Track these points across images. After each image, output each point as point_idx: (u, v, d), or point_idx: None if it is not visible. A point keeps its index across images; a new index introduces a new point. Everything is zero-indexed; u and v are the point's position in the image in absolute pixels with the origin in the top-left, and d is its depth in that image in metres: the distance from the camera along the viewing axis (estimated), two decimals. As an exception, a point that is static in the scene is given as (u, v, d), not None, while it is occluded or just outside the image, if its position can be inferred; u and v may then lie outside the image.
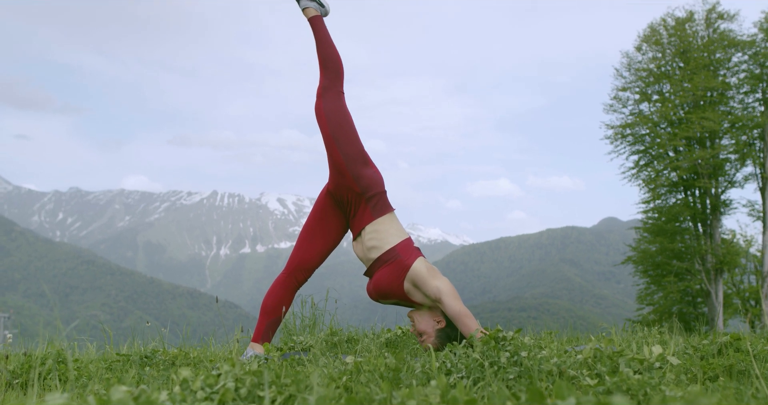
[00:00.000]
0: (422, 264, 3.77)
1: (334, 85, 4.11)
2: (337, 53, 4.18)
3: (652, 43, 24.17)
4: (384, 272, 3.82)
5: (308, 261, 4.10)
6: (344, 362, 2.87)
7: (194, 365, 3.76)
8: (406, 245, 3.88)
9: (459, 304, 3.62)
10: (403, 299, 3.83)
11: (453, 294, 3.65)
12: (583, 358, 2.70)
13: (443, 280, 3.70)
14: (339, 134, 3.96)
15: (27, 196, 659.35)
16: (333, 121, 3.99)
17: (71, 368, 2.37)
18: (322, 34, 4.20)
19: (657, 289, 23.65)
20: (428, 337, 3.74)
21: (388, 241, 3.86)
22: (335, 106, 4.04)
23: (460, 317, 3.58)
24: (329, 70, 4.13)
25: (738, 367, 2.77)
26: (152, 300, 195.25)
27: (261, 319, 3.99)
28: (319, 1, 4.28)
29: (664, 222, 23.55)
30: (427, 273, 3.72)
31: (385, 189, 4.04)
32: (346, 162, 3.92)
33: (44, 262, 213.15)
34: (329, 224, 4.12)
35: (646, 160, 24.26)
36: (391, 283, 3.79)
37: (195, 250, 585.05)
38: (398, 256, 3.81)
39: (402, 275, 3.76)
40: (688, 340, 3.94)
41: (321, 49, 4.16)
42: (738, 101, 23.32)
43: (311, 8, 4.25)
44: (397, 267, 3.78)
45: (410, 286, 3.76)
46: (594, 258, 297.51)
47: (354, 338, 4.93)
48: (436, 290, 3.65)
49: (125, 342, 4.95)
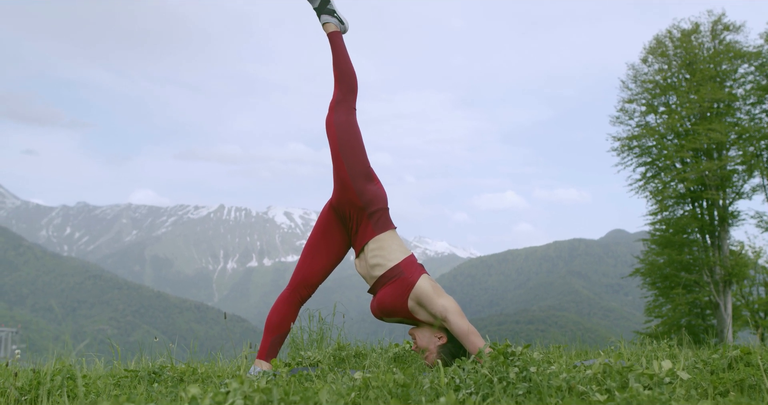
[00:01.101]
0: (427, 281, 3.75)
1: (346, 100, 4.15)
2: (353, 69, 4.24)
3: (658, 55, 24.18)
4: (388, 290, 3.80)
5: (312, 277, 4.08)
6: (353, 378, 2.86)
7: (202, 381, 3.76)
8: (409, 262, 3.86)
9: (465, 323, 3.60)
10: (407, 317, 3.80)
11: (459, 312, 3.64)
12: (592, 373, 2.69)
13: (448, 298, 3.68)
14: (346, 148, 3.97)
15: (35, 210, 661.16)
16: (342, 135, 4.01)
17: (80, 385, 2.36)
18: (340, 49, 4.27)
19: (665, 301, 23.54)
20: (430, 354, 3.72)
21: (391, 258, 3.84)
22: (346, 120, 4.07)
23: (467, 336, 3.57)
24: (344, 84, 4.18)
25: (749, 381, 2.75)
26: (159, 314, 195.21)
27: (266, 335, 3.97)
28: (339, 17, 4.36)
29: (671, 234, 23.47)
30: (432, 291, 3.70)
31: (388, 207, 4.03)
32: (350, 175, 3.92)
33: (52, 277, 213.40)
34: (332, 239, 4.11)
35: (653, 171, 24.22)
36: (395, 301, 3.77)
37: (202, 264, 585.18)
38: (402, 273, 3.79)
39: (406, 293, 3.74)
40: (698, 354, 3.92)
41: (338, 64, 4.21)
42: (745, 112, 23.30)
43: (331, 24, 4.34)
44: (402, 284, 3.76)
45: (414, 304, 3.74)
46: (602, 270, 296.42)
47: (362, 353, 4.91)
48: (441, 309, 3.63)
49: (133, 357, 4.95)
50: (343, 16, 4.42)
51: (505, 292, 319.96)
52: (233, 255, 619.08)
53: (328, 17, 4.34)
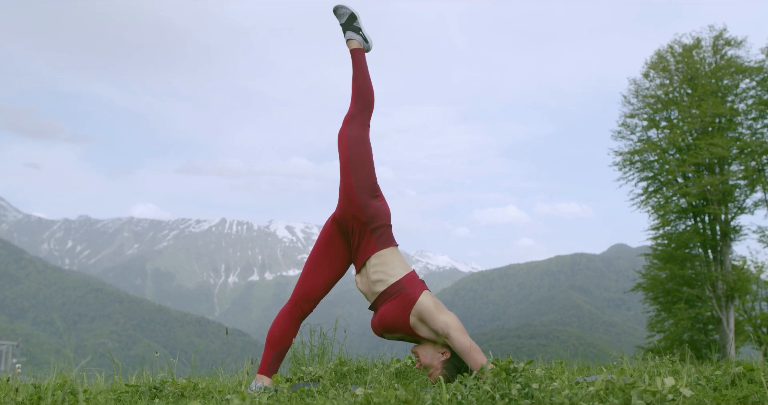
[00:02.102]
0: (429, 298, 3.75)
1: (361, 116, 4.21)
2: (371, 87, 4.31)
3: (660, 69, 24.24)
4: (389, 306, 3.79)
5: (313, 291, 4.06)
6: (354, 394, 2.85)
7: (203, 397, 3.74)
8: (411, 278, 3.86)
9: (467, 339, 3.60)
10: (408, 334, 3.79)
11: (460, 329, 3.64)
12: (595, 390, 2.68)
13: (450, 314, 3.69)
14: (356, 162, 4.01)
15: (37, 224, 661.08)
16: (353, 149, 4.05)
17: (81, 400, 2.36)
18: (362, 66, 4.37)
19: (667, 316, 23.47)
20: (435, 371, 3.71)
21: (393, 274, 3.84)
22: (359, 135, 4.12)
23: (469, 352, 3.57)
24: (361, 100, 4.24)
25: (752, 398, 2.74)
26: (161, 328, 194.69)
27: (267, 350, 3.95)
28: (364, 36, 4.44)
29: (673, 248, 23.44)
30: (434, 308, 3.70)
31: (391, 224, 4.04)
32: (356, 189, 3.94)
33: (53, 290, 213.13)
34: (335, 254, 4.11)
35: (655, 186, 24.22)
36: (397, 317, 3.76)
37: (203, 278, 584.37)
38: (404, 289, 3.78)
39: (408, 309, 3.74)
40: (701, 370, 3.90)
41: (357, 80, 4.28)
42: (746, 127, 23.31)
43: (355, 41, 4.42)
44: (403, 300, 3.76)
45: (416, 321, 3.73)
46: (603, 285, 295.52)
47: (363, 368, 4.90)
48: (444, 325, 3.64)
49: (134, 371, 4.93)
50: (369, 35, 4.48)
51: (506, 306, 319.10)
52: (234, 269, 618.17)
53: (353, 34, 4.43)
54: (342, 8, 4.50)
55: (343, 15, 4.49)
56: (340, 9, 4.50)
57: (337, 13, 4.52)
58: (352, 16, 4.46)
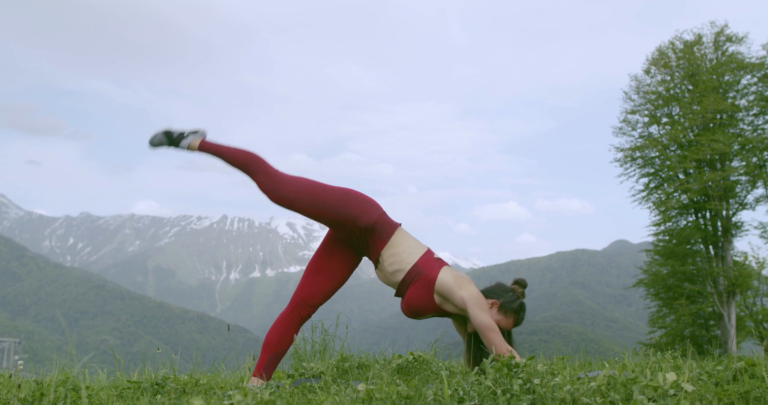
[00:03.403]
0: (447, 274, 3.81)
1: (264, 174, 4.00)
2: (242, 154, 4.06)
3: (661, 66, 24.21)
4: (413, 291, 3.84)
5: (313, 297, 4.05)
6: (356, 389, 2.85)
7: (205, 393, 3.75)
8: (426, 259, 3.89)
9: (484, 316, 3.66)
10: (438, 312, 3.88)
11: (478, 304, 3.69)
12: (596, 385, 2.68)
13: (469, 289, 3.74)
14: (308, 203, 3.91)
15: (38, 221, 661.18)
16: (296, 199, 3.93)
17: (84, 396, 2.36)
18: (219, 150, 4.11)
19: (669, 312, 23.49)
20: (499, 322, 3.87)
21: (408, 261, 3.87)
22: (283, 187, 3.96)
23: (484, 330, 3.64)
24: (251, 170, 4.03)
25: (754, 393, 2.74)
26: (162, 324, 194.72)
27: (263, 353, 3.94)
28: (189, 133, 4.18)
29: (675, 244, 23.44)
30: (453, 283, 3.76)
31: (382, 209, 4.02)
32: (337, 215, 3.89)
33: (55, 287, 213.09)
34: (336, 260, 4.10)
35: (656, 182, 24.21)
36: (422, 300, 3.82)
37: (205, 275, 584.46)
38: (422, 272, 3.83)
39: (430, 290, 3.80)
40: (702, 366, 3.90)
41: (232, 162, 4.06)
42: (748, 123, 23.30)
43: (192, 141, 4.17)
44: (424, 283, 3.81)
45: (441, 299, 3.81)
46: (605, 281, 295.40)
47: (365, 364, 4.90)
48: (461, 301, 3.71)
49: (136, 368, 4.94)
50: (189, 128, 4.21)
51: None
52: (236, 265, 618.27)
53: (185, 140, 4.16)
54: (154, 139, 4.19)
55: (161, 143, 4.20)
56: (154, 140, 4.18)
57: (156, 144, 4.20)
58: (167, 134, 4.18)
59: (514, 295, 3.94)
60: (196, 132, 4.18)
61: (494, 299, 3.88)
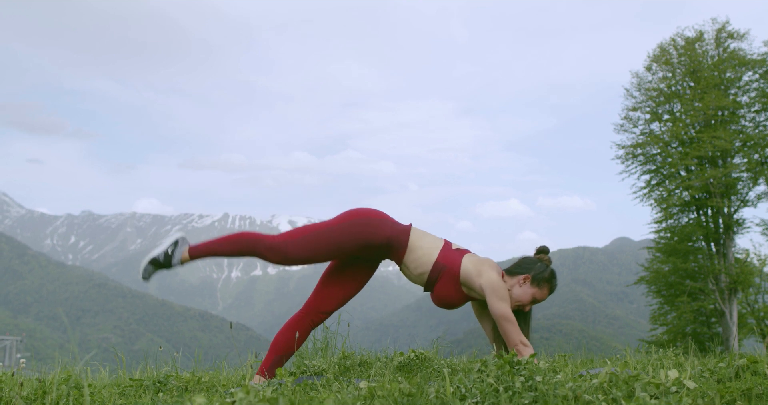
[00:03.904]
0: (468, 263, 3.86)
1: (268, 250, 3.86)
2: (236, 240, 3.89)
3: (662, 63, 24.18)
4: (440, 286, 3.88)
5: (327, 304, 4.06)
6: (358, 387, 2.85)
7: (207, 391, 3.75)
8: (446, 253, 3.91)
9: (501, 306, 3.71)
10: (468, 300, 3.95)
11: (497, 293, 3.73)
12: (598, 382, 2.68)
13: (488, 276, 3.79)
14: (323, 253, 3.85)
15: (40, 219, 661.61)
16: (310, 257, 3.85)
17: (86, 394, 2.36)
18: (211, 249, 3.92)
19: (670, 309, 23.47)
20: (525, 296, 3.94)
21: (429, 261, 3.89)
22: (292, 253, 3.82)
23: (499, 320, 3.71)
24: (253, 252, 3.88)
25: (756, 390, 2.74)
26: (164, 322, 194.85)
27: (270, 353, 3.95)
28: (172, 244, 3.96)
29: (676, 242, 23.41)
30: (473, 271, 3.82)
31: (389, 217, 3.98)
32: (353, 249, 3.87)
33: (56, 286, 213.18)
34: (351, 270, 4.10)
35: (658, 179, 24.18)
36: (450, 293, 3.87)
37: (206, 273, 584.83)
38: (445, 266, 3.86)
39: (456, 282, 3.85)
40: (704, 363, 3.90)
41: (229, 253, 3.90)
42: (749, 120, 23.27)
43: (182, 252, 3.96)
44: (449, 277, 3.85)
45: (467, 289, 3.87)
46: (606, 278, 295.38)
47: (367, 362, 4.90)
48: (479, 288, 3.78)
49: (137, 365, 4.94)
50: (169, 239, 4.00)
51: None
52: (237, 263, 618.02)
53: (176, 257, 3.93)
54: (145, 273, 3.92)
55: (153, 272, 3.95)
56: (145, 275, 3.92)
57: (149, 276, 3.94)
58: (153, 262, 3.93)
59: (543, 265, 3.97)
60: (177, 242, 3.96)
61: (525, 274, 3.91)
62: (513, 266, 4.01)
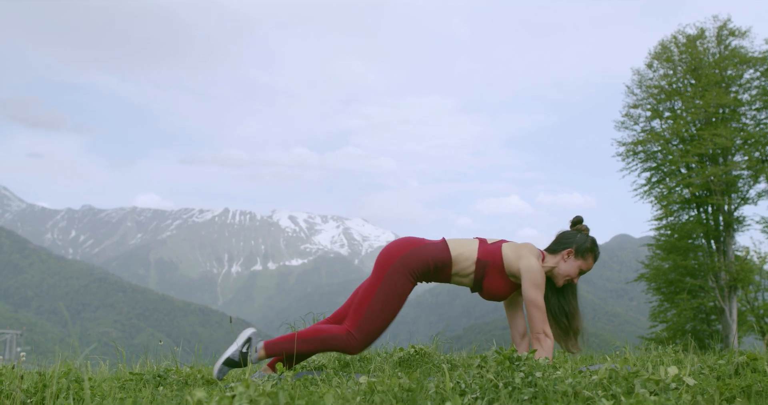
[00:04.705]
0: (508, 250, 3.92)
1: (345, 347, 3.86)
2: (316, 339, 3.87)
3: (663, 60, 24.15)
4: (488, 281, 3.92)
5: None
6: (358, 382, 2.85)
7: (207, 385, 3.75)
8: (483, 249, 3.95)
9: (534, 292, 3.77)
10: (518, 287, 3.98)
11: (532, 278, 3.78)
12: (598, 378, 2.68)
13: (526, 261, 3.83)
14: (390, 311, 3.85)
15: (40, 213, 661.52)
16: (384, 323, 3.86)
17: (87, 387, 2.36)
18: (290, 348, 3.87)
19: (670, 306, 23.49)
20: (571, 270, 3.96)
21: (472, 262, 3.91)
22: (367, 331, 3.83)
23: (529, 305, 3.76)
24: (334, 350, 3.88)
25: (756, 387, 2.74)
26: (164, 317, 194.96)
27: (288, 337, 3.91)
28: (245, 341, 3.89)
29: (676, 239, 23.42)
30: (513, 257, 3.88)
31: (422, 241, 3.99)
32: (411, 287, 3.92)
33: (57, 280, 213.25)
34: None
35: (658, 177, 24.17)
36: (499, 285, 3.92)
37: (206, 268, 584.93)
38: (487, 262, 3.89)
39: (502, 273, 3.90)
40: (704, 360, 3.90)
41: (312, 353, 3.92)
42: (750, 118, 23.26)
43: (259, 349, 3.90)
44: (494, 270, 3.89)
45: (515, 278, 3.92)
46: (606, 275, 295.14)
47: (366, 357, 4.91)
48: (517, 272, 3.84)
49: (137, 360, 4.94)
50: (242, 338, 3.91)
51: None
52: (238, 258, 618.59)
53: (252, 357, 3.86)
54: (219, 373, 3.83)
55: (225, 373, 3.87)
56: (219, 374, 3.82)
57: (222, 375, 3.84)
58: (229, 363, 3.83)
59: (582, 236, 4.01)
60: (250, 340, 3.90)
61: (567, 249, 3.94)
62: (553, 244, 4.05)
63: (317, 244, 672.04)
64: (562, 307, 3.98)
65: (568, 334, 4.00)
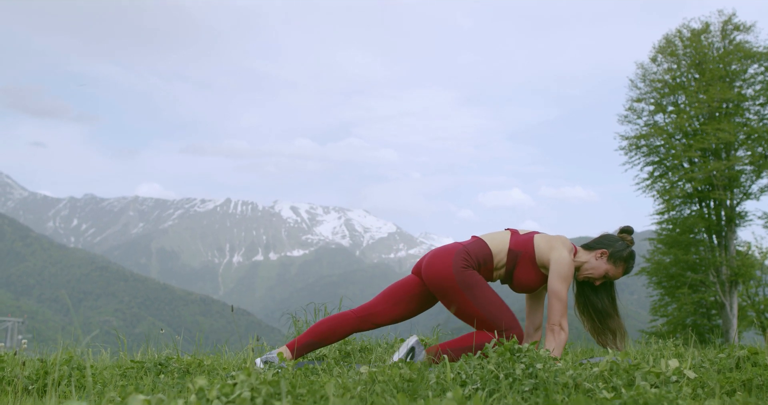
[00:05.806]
0: (540, 240, 3.91)
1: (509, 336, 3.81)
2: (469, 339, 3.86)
3: (668, 54, 24.07)
4: (518, 271, 3.91)
5: (382, 319, 4.03)
6: (359, 372, 2.86)
7: (208, 373, 3.76)
8: (515, 240, 3.95)
9: (559, 284, 3.77)
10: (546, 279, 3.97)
11: (560, 270, 3.78)
12: (599, 370, 2.69)
13: (557, 253, 3.82)
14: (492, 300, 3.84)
15: (42, 202, 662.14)
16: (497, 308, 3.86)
17: (89, 375, 2.37)
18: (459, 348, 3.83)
19: (671, 300, 23.47)
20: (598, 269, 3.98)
21: (504, 255, 3.91)
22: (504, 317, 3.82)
23: (551, 295, 3.77)
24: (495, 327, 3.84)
25: (756, 381, 2.75)
26: (165, 306, 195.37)
27: (307, 335, 3.94)
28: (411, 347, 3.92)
29: (678, 233, 23.38)
30: (545, 247, 3.87)
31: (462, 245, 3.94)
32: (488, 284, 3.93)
33: (58, 268, 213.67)
34: (419, 293, 4.06)
35: (661, 171, 24.12)
36: (530, 276, 3.91)
37: (208, 258, 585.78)
38: (519, 253, 3.88)
39: (534, 264, 3.89)
40: (704, 354, 3.91)
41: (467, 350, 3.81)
42: (754, 113, 23.19)
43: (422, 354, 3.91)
44: (525, 260, 3.89)
45: (545, 270, 3.90)
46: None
47: (367, 347, 4.92)
48: (548, 262, 3.83)
49: (139, 348, 4.96)
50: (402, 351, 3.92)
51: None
52: (239, 249, 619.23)
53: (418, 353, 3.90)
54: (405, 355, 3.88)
55: None
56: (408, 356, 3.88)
57: None
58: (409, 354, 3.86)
59: (623, 244, 3.98)
60: (413, 349, 3.90)
61: (603, 249, 3.93)
62: (593, 241, 4.04)
63: (319, 235, 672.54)
64: (594, 304, 4.02)
65: (605, 333, 4.04)
